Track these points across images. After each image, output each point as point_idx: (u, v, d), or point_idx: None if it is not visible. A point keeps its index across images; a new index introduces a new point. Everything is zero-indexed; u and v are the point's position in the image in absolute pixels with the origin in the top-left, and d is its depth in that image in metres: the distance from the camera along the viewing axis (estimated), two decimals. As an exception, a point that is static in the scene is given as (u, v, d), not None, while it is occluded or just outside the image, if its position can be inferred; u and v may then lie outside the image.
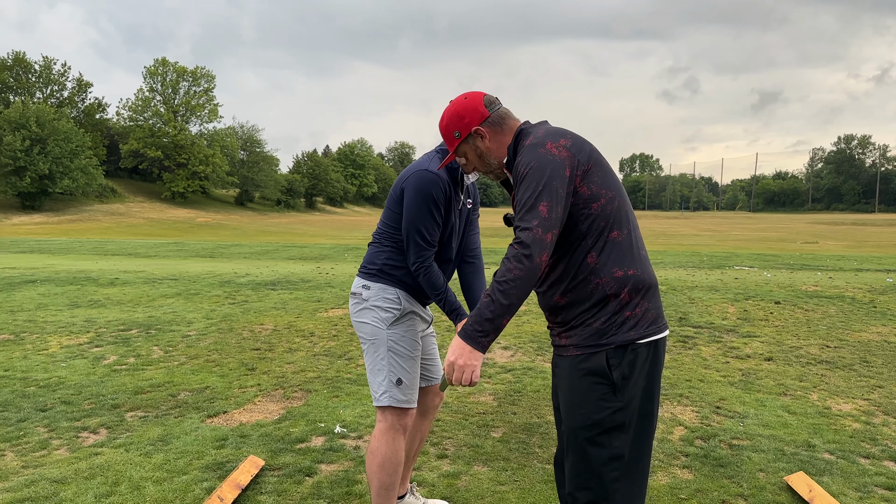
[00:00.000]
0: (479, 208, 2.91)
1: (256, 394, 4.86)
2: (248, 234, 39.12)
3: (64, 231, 39.03)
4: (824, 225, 54.35)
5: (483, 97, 2.13)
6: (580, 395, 1.94)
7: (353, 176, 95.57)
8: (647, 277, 1.96)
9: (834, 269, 14.54)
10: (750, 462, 3.61)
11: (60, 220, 47.18)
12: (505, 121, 2.12)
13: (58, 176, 50.24)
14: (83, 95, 64.88)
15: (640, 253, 1.98)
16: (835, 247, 27.18)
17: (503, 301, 1.84)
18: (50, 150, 49.69)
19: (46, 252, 20.53)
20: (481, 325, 1.87)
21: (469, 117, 2.11)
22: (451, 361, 1.92)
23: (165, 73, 66.93)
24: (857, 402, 4.74)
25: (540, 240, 1.82)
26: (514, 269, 1.82)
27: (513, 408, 4.56)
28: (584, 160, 1.93)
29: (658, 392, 2.02)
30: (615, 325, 1.90)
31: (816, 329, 7.31)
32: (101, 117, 65.61)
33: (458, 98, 2.16)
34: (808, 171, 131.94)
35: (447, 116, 2.16)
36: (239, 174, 71.09)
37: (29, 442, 3.86)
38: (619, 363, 1.89)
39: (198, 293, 9.81)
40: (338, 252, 20.66)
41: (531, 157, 1.92)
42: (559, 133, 1.98)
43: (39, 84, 61.53)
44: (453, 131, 2.14)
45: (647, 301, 1.94)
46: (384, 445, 2.62)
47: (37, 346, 6.30)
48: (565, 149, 1.92)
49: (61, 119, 52.43)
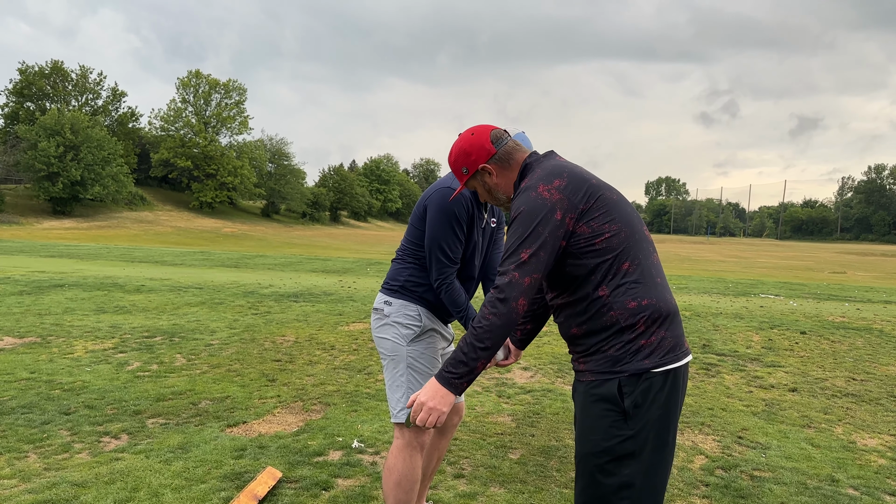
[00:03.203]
0: (504, 227, 2.92)
1: (276, 405, 4.88)
2: (272, 246, 39.46)
3: (93, 237, 39.69)
4: (853, 255, 53.47)
5: (490, 132, 2.13)
6: (592, 421, 1.93)
7: (377, 191, 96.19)
8: (663, 306, 1.93)
9: (862, 301, 14.29)
10: (771, 494, 3.55)
11: (90, 226, 48.00)
12: (511, 156, 2.12)
13: (89, 182, 51.25)
14: (117, 104, 66.19)
15: (654, 281, 1.95)
16: (863, 278, 26.72)
17: (478, 345, 1.87)
18: (83, 157, 50.76)
19: (75, 257, 20.88)
20: (456, 368, 1.90)
21: (475, 154, 2.12)
22: (422, 402, 1.93)
23: (198, 85, 68.12)
24: (884, 438, 4.64)
25: (516, 283, 1.85)
26: (489, 314, 1.86)
27: (531, 429, 4.53)
28: (578, 201, 1.91)
29: (675, 422, 1.96)
30: (629, 353, 1.88)
31: (843, 361, 7.18)
32: (133, 126, 66.86)
33: (465, 133, 2.17)
34: (837, 199, 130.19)
35: (455, 153, 2.17)
36: (266, 186, 71.93)
37: (52, 444, 3.91)
38: (632, 391, 1.87)
39: (222, 302, 9.90)
40: (360, 266, 20.75)
41: (521, 201, 1.93)
42: (554, 173, 1.96)
43: (75, 92, 62.89)
44: (461, 167, 2.16)
45: (663, 329, 1.91)
46: (401, 462, 2.62)
47: (63, 350, 6.39)
48: (558, 191, 1.91)
49: (95, 127, 53.58)
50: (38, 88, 59.94)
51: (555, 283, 2.01)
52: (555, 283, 2.01)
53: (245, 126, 70.39)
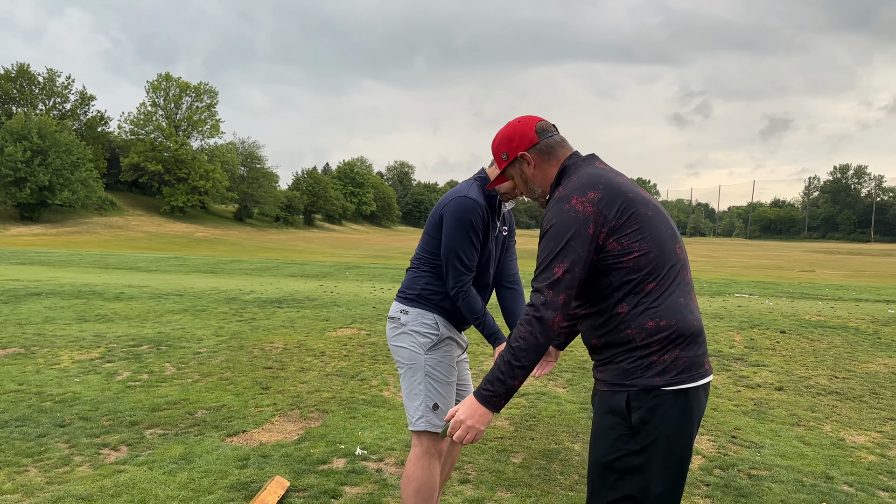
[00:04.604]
0: (515, 235, 2.96)
1: (273, 413, 4.87)
2: (247, 250, 39.13)
3: (62, 243, 38.99)
4: (820, 254, 54.52)
5: (536, 123, 2.12)
6: (601, 433, 1.93)
7: (352, 194, 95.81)
8: (683, 328, 1.88)
9: (834, 299, 14.60)
10: (771, 493, 3.63)
11: (59, 232, 47.14)
12: (553, 151, 2.09)
13: (58, 188, 50.28)
14: (86, 108, 65.11)
15: (678, 302, 1.90)
16: (832, 276, 27.27)
17: (515, 364, 1.88)
18: (51, 162, 49.81)
19: (47, 264, 20.51)
20: (493, 386, 1.91)
21: (517, 141, 2.10)
22: (461, 420, 1.94)
23: (168, 89, 67.27)
24: (871, 434, 4.77)
25: (551, 302, 1.85)
26: (526, 333, 1.86)
27: (530, 433, 4.58)
28: (612, 216, 1.87)
29: (687, 443, 1.90)
30: (640, 368, 1.86)
31: (824, 359, 7.35)
32: (102, 130, 65.80)
33: (513, 121, 2.16)
34: (804, 199, 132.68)
35: (499, 137, 2.16)
36: (238, 190, 71.24)
37: (51, 458, 3.86)
38: (640, 406, 1.85)
39: (204, 309, 9.81)
40: (339, 270, 20.68)
41: (554, 213, 1.91)
42: (590, 184, 1.91)
43: (42, 96, 61.74)
44: (502, 153, 2.14)
45: (679, 349, 1.87)
46: (420, 470, 2.64)
47: (48, 361, 6.30)
48: (591, 204, 1.87)
49: (63, 131, 52.64)
50: (4, 92, 58.73)
51: (579, 293, 1.99)
52: (578, 294, 2.00)
53: (216, 129, 69.63)
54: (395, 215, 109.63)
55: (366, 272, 20.10)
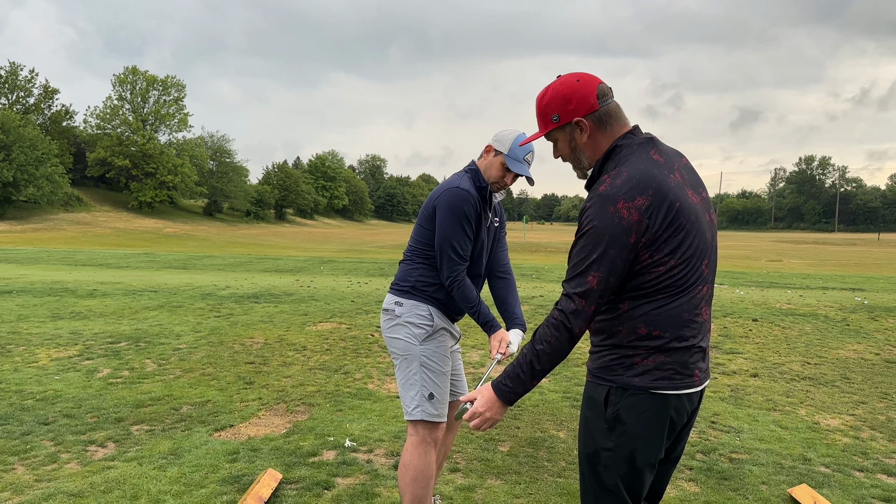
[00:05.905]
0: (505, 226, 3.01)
1: (259, 408, 4.87)
2: (217, 246, 38.72)
3: (28, 240, 38.20)
4: (787, 243, 55.60)
5: (598, 85, 1.89)
6: (584, 422, 1.95)
7: (324, 188, 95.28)
8: (675, 342, 1.81)
9: (802, 288, 14.94)
10: (752, 475, 3.74)
11: (24, 229, 46.17)
12: (611, 121, 1.89)
13: (22, 184, 49.26)
14: (50, 102, 63.81)
15: (681, 318, 1.81)
16: (798, 265, 27.86)
17: (536, 366, 1.86)
18: (14, 158, 48.74)
19: (14, 262, 20.10)
20: (512, 382, 1.89)
21: (576, 104, 1.87)
22: (479, 411, 1.93)
23: (135, 82, 66.18)
24: (844, 418, 4.92)
25: (582, 312, 1.80)
26: (552, 337, 1.82)
27: (515, 422, 4.65)
28: (656, 226, 1.75)
29: (662, 448, 1.87)
30: (623, 367, 1.83)
31: (796, 346, 7.54)
32: (67, 125, 64.60)
33: (569, 77, 1.91)
34: (770, 190, 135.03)
35: (550, 95, 1.91)
36: (208, 184, 70.43)
37: (37, 455, 3.83)
38: (617, 402, 1.83)
39: (181, 305, 9.73)
40: (313, 265, 20.58)
41: (596, 213, 1.77)
42: (640, 187, 1.75)
43: (5, 90, 60.37)
44: (552, 114, 1.91)
45: (665, 356, 1.81)
46: (416, 458, 2.69)
47: (26, 359, 6.21)
48: (638, 212, 1.73)
49: (27, 126, 51.53)
50: (-36, 86, 57.36)
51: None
52: None
53: (185, 123, 68.71)
54: (368, 209, 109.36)
55: (341, 266, 20.05)
